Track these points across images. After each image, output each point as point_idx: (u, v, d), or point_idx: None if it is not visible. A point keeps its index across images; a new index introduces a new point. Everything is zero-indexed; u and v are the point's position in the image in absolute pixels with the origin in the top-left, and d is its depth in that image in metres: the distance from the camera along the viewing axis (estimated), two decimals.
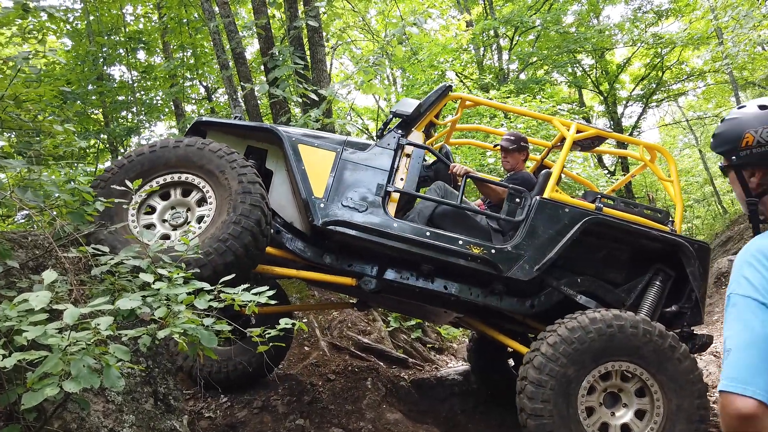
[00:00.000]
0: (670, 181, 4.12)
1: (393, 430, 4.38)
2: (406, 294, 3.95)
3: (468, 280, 3.81)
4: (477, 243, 3.66)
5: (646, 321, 3.44)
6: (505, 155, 4.43)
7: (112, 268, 2.27)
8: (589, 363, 3.33)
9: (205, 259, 3.00)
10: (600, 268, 3.97)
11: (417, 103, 3.96)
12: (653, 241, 3.83)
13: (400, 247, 3.61)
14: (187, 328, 1.96)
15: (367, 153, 3.80)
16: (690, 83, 17.77)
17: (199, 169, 3.32)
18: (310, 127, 5.60)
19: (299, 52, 6.69)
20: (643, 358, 3.37)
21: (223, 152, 3.37)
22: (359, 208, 3.62)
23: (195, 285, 2.23)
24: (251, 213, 3.19)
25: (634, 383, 3.43)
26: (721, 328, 7.91)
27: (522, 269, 3.63)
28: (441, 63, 13.88)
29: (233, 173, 3.27)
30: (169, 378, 2.89)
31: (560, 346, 3.32)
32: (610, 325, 3.36)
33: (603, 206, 3.81)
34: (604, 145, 4.73)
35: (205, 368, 4.40)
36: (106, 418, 2.46)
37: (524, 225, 3.73)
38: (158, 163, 3.33)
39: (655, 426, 3.38)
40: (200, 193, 3.36)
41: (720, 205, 19.36)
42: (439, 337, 7.06)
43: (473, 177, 4.09)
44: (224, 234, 3.10)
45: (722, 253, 11.92)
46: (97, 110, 9.83)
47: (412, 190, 3.83)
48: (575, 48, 14.45)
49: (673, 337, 3.44)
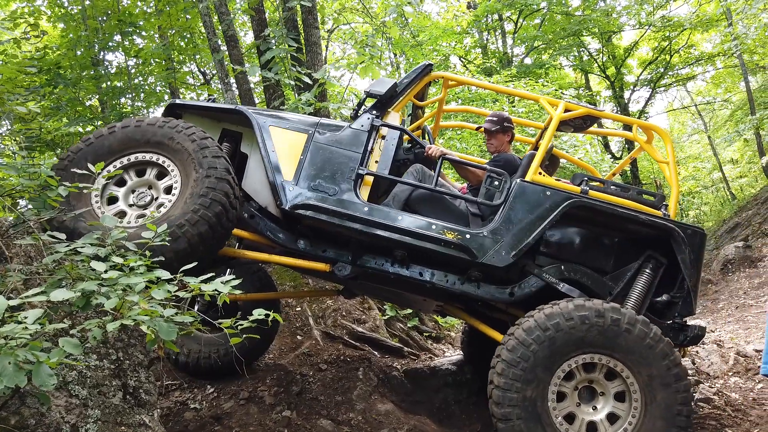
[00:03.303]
0: (666, 162, 3.92)
1: (383, 422, 4.27)
2: (383, 281, 3.83)
3: (444, 267, 3.67)
4: (451, 228, 3.51)
5: (614, 309, 3.27)
6: (489, 137, 4.25)
7: (66, 256, 2.15)
8: (546, 367, 3.22)
9: (179, 232, 2.96)
10: (586, 255, 3.78)
11: (393, 82, 3.79)
12: (642, 226, 3.62)
13: (371, 231, 3.48)
14: (141, 320, 1.84)
15: (339, 135, 3.66)
16: (699, 68, 17.43)
17: (156, 146, 3.27)
18: (301, 111, 5.45)
19: (293, 34, 6.51)
20: (616, 351, 3.24)
21: (181, 127, 3.32)
22: (329, 191, 3.49)
23: (156, 274, 2.10)
24: (218, 183, 3.16)
25: (600, 370, 3.32)
26: (726, 316, 7.74)
27: (498, 255, 3.47)
28: (443, 47, 13.63)
29: (192, 144, 3.24)
30: (141, 370, 2.78)
31: (519, 349, 3.23)
32: (570, 318, 3.23)
33: (589, 189, 3.61)
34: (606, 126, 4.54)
35: (192, 355, 4.31)
36: (68, 414, 2.35)
37: (502, 209, 3.57)
38: (120, 145, 3.28)
39: (634, 420, 3.25)
40: (159, 169, 3.33)
41: (729, 191, 19.08)
42: (436, 326, 6.94)
43: (450, 159, 3.93)
44: (194, 204, 3.05)
45: (729, 240, 11.72)
46: (94, 96, 9.71)
47: (385, 173, 3.68)
48: (580, 30, 14.15)
49: (643, 321, 3.28)
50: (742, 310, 7.62)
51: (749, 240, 10.74)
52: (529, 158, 3.79)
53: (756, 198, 13.50)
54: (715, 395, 4.43)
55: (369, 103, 3.86)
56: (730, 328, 6.79)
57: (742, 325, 6.85)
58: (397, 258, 3.62)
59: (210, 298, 2.43)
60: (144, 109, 10.02)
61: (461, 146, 9.33)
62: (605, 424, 3.30)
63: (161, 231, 2.42)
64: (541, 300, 3.50)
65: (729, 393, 4.54)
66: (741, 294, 8.52)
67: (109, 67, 9.25)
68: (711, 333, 6.51)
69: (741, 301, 8.17)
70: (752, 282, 8.78)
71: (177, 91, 10.10)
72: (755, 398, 4.44)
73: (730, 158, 20.92)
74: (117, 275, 1.93)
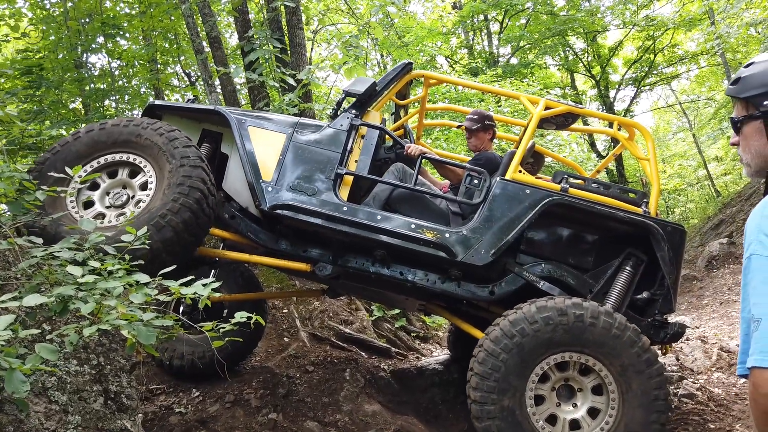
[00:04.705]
0: (647, 159, 3.92)
1: (370, 422, 4.26)
2: (364, 280, 3.83)
3: (424, 266, 3.67)
4: (430, 227, 3.52)
5: (576, 305, 3.27)
6: (470, 135, 4.26)
7: (43, 260, 2.13)
8: (518, 374, 3.23)
9: (162, 222, 2.99)
10: (566, 253, 3.77)
11: (372, 81, 3.79)
12: (621, 224, 3.63)
13: (350, 231, 3.48)
14: (120, 324, 1.82)
15: (318, 135, 3.65)
16: (683, 67, 17.61)
17: (124, 145, 3.29)
18: (285, 112, 5.44)
19: (277, 35, 6.50)
20: (585, 346, 3.26)
21: (146, 123, 3.34)
22: (308, 191, 3.50)
23: (135, 277, 2.08)
24: (194, 171, 3.20)
25: (573, 368, 3.34)
26: (711, 312, 7.81)
27: (477, 254, 3.47)
28: (429, 47, 13.66)
29: (161, 138, 3.27)
30: (123, 375, 2.75)
31: (489, 361, 3.24)
32: (534, 321, 3.24)
33: (569, 187, 3.61)
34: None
35: (186, 356, 4.28)
36: (47, 420, 2.33)
37: (482, 208, 3.57)
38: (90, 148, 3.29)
39: (614, 411, 3.26)
40: (131, 167, 3.35)
41: (713, 188, 19.29)
42: (424, 326, 6.95)
43: (429, 158, 3.93)
44: (174, 194, 3.09)
45: (714, 237, 11.83)
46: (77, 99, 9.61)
47: (364, 173, 3.68)
48: (565, 30, 14.25)
49: (606, 312, 3.29)
50: (726, 306, 7.69)
51: (733, 236, 10.86)
52: (510, 156, 3.79)
53: (740, 195, 13.65)
54: (698, 391, 4.47)
55: (348, 103, 3.86)
56: (714, 324, 6.85)
57: (726, 320, 6.92)
58: (378, 258, 3.62)
59: (192, 301, 2.42)
60: (128, 111, 9.94)
61: (448, 146, 9.35)
62: (587, 420, 3.31)
63: (141, 234, 2.40)
64: (525, 297, 3.51)
65: (712, 388, 4.58)
66: (725, 290, 8.60)
67: (92, 69, 9.16)
68: (695, 329, 6.57)
69: (725, 297, 8.25)
70: (736, 278, 8.86)
71: (161, 92, 10.02)
72: (737, 393, 4.49)
73: (715, 156, 21.14)
74: (94, 279, 1.91)
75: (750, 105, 1.36)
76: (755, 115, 1.35)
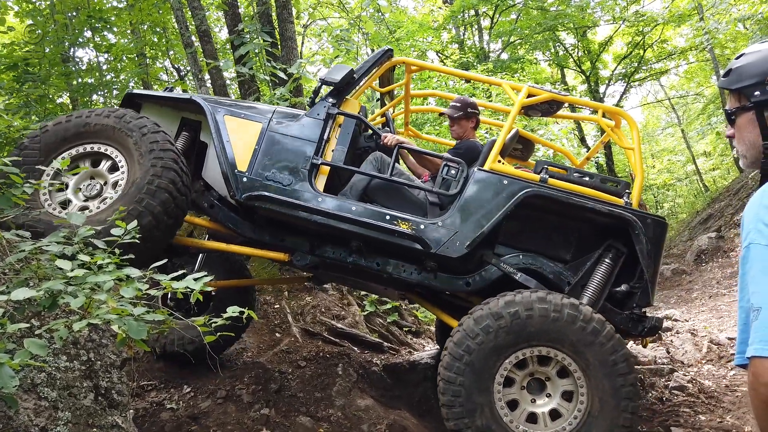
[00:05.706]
0: (632, 148, 3.83)
1: (363, 417, 4.26)
2: (342, 270, 3.81)
3: (400, 257, 3.63)
4: (405, 218, 3.47)
5: (541, 299, 3.22)
6: (452, 123, 4.18)
7: (32, 255, 2.09)
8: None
9: (139, 208, 3.01)
10: (545, 245, 3.68)
11: (349, 69, 3.72)
12: (599, 216, 3.53)
13: (323, 222, 3.45)
14: (110, 318, 1.80)
15: (295, 124, 3.61)
16: (672, 62, 17.71)
17: (83, 136, 3.29)
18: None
19: (268, 29, 6.45)
20: (551, 340, 3.21)
21: (88, 112, 3.36)
22: (283, 181, 3.46)
23: (125, 272, 2.05)
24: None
25: (553, 365, 3.29)
26: (700, 305, 7.88)
27: (452, 246, 3.43)
28: (420, 42, 13.63)
29: (110, 119, 3.29)
30: (113, 371, 2.72)
31: (454, 365, 3.22)
32: (500, 316, 3.22)
33: (549, 177, 3.53)
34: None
35: (186, 343, 4.24)
36: (37, 417, 2.29)
37: (458, 199, 3.51)
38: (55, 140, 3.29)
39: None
40: (96, 157, 3.36)
41: (702, 183, 19.45)
42: (416, 320, 6.94)
43: (407, 147, 3.89)
44: (150, 160, 3.13)
45: (703, 231, 11.93)
46: (64, 94, 9.49)
47: (340, 163, 3.64)
48: (555, 25, 14.26)
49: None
50: (715, 300, 7.76)
51: (722, 231, 10.95)
52: (491, 145, 3.72)
53: (728, 189, 13.77)
54: (689, 383, 4.50)
55: (326, 91, 3.79)
56: (703, 317, 6.91)
57: (715, 314, 6.98)
58: (354, 248, 3.60)
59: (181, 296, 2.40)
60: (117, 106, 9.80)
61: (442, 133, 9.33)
62: (564, 406, 3.26)
63: (131, 228, 2.37)
64: (504, 288, 3.46)
65: (703, 380, 4.62)
66: (714, 284, 8.68)
67: (80, 64, 9.05)
68: (685, 322, 6.62)
69: (714, 290, 8.33)
70: (725, 272, 8.95)
71: (150, 87, 9.93)
72: (728, 385, 4.53)
73: (703, 151, 21.32)
74: (84, 273, 1.88)
75: (742, 96, 1.36)
76: (747, 106, 1.35)
